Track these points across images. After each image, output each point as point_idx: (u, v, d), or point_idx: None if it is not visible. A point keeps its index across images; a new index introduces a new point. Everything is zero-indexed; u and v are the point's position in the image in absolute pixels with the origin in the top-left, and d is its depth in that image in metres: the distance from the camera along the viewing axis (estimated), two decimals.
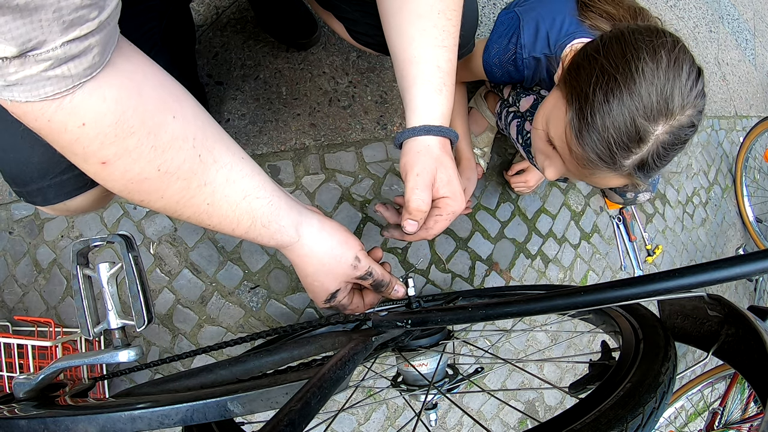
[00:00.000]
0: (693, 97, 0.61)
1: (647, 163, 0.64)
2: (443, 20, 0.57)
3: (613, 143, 0.62)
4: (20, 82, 0.32)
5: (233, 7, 1.11)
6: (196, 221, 0.50)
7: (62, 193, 0.54)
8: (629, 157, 0.63)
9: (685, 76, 0.60)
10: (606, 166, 0.65)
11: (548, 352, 1.39)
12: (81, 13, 0.31)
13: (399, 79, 0.61)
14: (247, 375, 0.56)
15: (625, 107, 0.60)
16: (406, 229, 0.62)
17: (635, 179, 0.67)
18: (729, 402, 1.38)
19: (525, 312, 0.37)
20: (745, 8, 2.29)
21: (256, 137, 1.08)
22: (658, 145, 0.62)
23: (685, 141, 0.64)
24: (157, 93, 0.42)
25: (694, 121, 0.62)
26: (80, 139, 0.38)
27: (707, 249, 1.80)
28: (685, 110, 0.61)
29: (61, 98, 0.35)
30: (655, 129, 0.61)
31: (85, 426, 0.36)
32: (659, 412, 0.32)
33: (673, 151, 0.64)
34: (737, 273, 0.28)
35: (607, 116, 0.61)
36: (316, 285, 0.60)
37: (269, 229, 0.53)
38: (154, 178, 0.43)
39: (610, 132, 0.62)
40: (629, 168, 0.65)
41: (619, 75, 0.61)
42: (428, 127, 0.58)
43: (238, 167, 0.49)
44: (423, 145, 0.59)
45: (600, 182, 0.72)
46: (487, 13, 1.36)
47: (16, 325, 0.94)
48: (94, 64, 0.35)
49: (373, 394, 1.11)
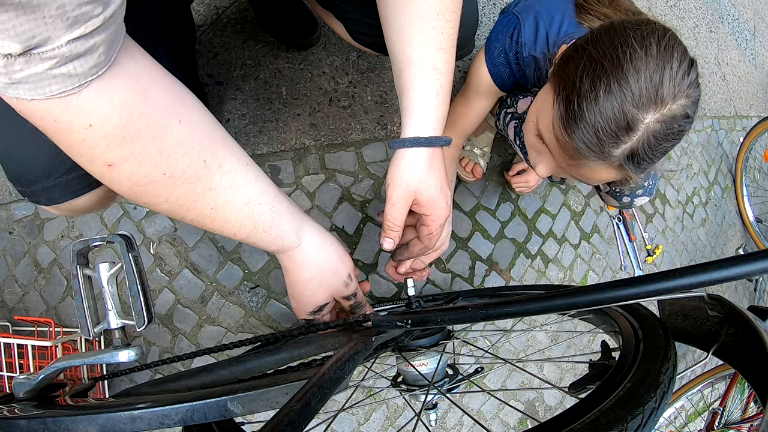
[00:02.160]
0: (685, 86, 0.58)
1: (638, 153, 0.61)
2: (442, 22, 0.57)
3: (601, 131, 0.60)
4: (26, 80, 0.32)
5: (233, 7, 1.11)
6: (198, 224, 0.50)
7: (67, 192, 0.54)
8: (618, 146, 0.61)
9: (676, 63, 0.58)
10: (594, 156, 0.62)
11: (548, 352, 1.39)
12: (85, 10, 0.30)
13: (396, 80, 0.61)
14: (247, 375, 0.55)
15: (612, 94, 0.58)
16: (384, 247, 0.64)
17: (628, 172, 0.65)
18: (729, 402, 1.38)
19: (525, 312, 0.37)
20: (745, 8, 2.29)
21: (256, 137, 1.08)
22: (649, 134, 0.60)
23: (679, 133, 0.61)
24: (164, 97, 0.42)
25: (688, 112, 0.60)
26: (87, 140, 0.38)
27: (707, 249, 1.80)
28: (677, 99, 0.58)
29: (69, 96, 0.35)
30: (645, 117, 0.59)
31: (85, 426, 0.36)
32: (659, 412, 0.32)
33: (667, 142, 0.61)
34: (737, 273, 0.28)
35: (593, 103, 0.59)
36: (306, 294, 0.59)
37: (271, 234, 0.53)
38: (159, 181, 0.43)
39: (597, 119, 0.60)
40: (619, 158, 0.62)
41: (606, 62, 0.59)
42: (419, 139, 0.58)
43: (242, 173, 0.49)
44: (410, 161, 0.59)
45: (591, 176, 0.69)
46: (487, 13, 1.36)
47: (16, 325, 0.94)
48: (99, 63, 0.35)
49: (373, 394, 1.11)
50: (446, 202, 0.62)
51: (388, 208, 0.61)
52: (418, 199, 0.60)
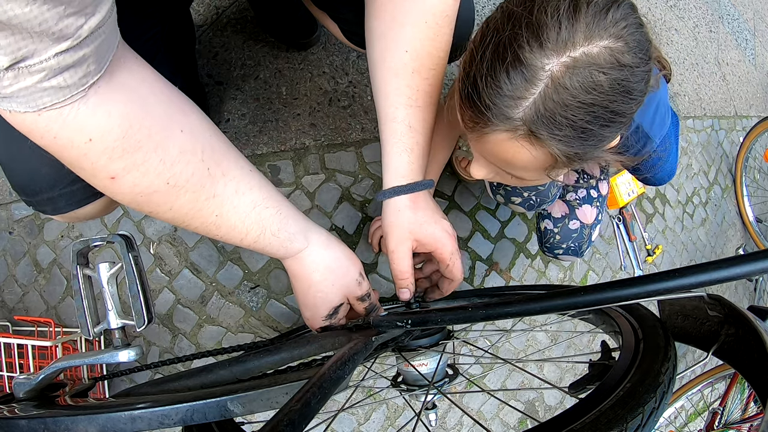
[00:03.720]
0: (609, 24, 0.45)
1: (547, 112, 0.47)
2: (418, 79, 0.58)
3: (493, 86, 0.48)
4: (16, 95, 0.32)
5: (233, 7, 1.11)
6: (203, 232, 0.50)
7: (72, 202, 0.54)
8: (516, 102, 0.47)
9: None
10: (490, 118, 0.49)
11: (548, 352, 1.39)
12: (67, 22, 0.30)
13: (379, 131, 0.63)
14: (247, 375, 0.55)
15: (498, 37, 0.47)
16: (403, 298, 0.65)
17: (549, 144, 0.49)
18: (729, 402, 1.38)
19: (525, 312, 0.37)
20: (745, 8, 2.29)
21: (256, 137, 1.08)
22: (556, 84, 0.45)
23: (613, 88, 0.46)
24: (164, 107, 0.42)
25: (619, 59, 0.45)
26: (88, 155, 0.39)
27: (707, 249, 1.80)
28: (593, 40, 0.45)
29: (62, 109, 0.35)
30: (545, 63, 0.45)
31: (85, 426, 0.36)
32: (659, 412, 0.32)
33: (588, 95, 0.46)
34: (737, 273, 0.28)
35: (482, 57, 0.48)
36: (319, 297, 0.59)
37: (279, 237, 0.53)
38: (163, 191, 0.43)
39: (483, 70, 0.48)
40: (525, 121, 0.48)
41: (504, 18, 0.48)
42: (397, 188, 0.61)
43: (246, 179, 0.49)
44: (395, 208, 0.62)
45: (506, 155, 0.54)
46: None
47: (16, 325, 0.94)
48: (90, 72, 0.35)
49: (373, 394, 1.11)
50: (445, 230, 0.64)
51: (392, 263, 0.63)
52: (418, 239, 0.63)
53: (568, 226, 0.96)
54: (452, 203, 1.22)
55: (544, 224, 1.00)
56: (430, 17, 0.55)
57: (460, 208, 1.24)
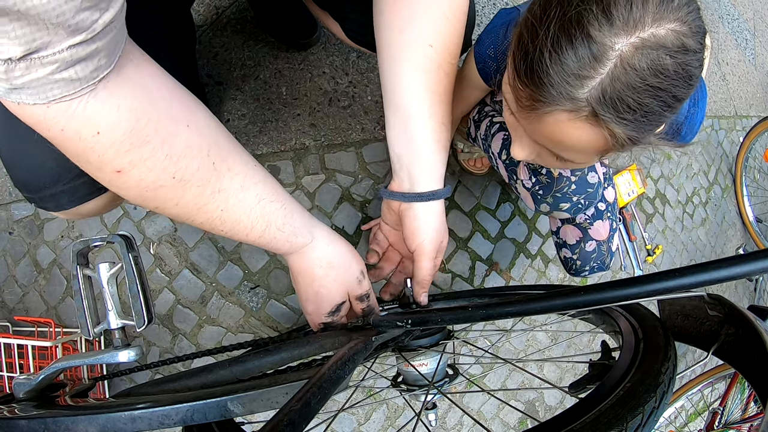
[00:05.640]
0: (676, 6, 0.44)
1: (615, 93, 0.45)
2: (441, 74, 0.58)
3: (561, 65, 0.46)
4: (27, 86, 0.33)
5: (233, 7, 1.11)
6: (208, 227, 0.50)
7: (75, 198, 0.54)
8: (583, 81, 0.46)
9: None
10: (555, 99, 0.48)
11: (548, 352, 1.39)
12: (84, 16, 0.30)
13: (395, 129, 0.63)
14: (247, 375, 0.55)
15: (564, 12, 0.45)
16: (423, 303, 0.67)
17: (611, 127, 0.48)
18: (729, 402, 1.38)
19: (525, 312, 0.37)
20: (745, 8, 2.29)
21: (256, 137, 1.08)
22: (625, 65, 0.44)
23: (677, 72, 0.45)
24: (170, 102, 0.42)
25: (685, 42, 0.44)
26: (95, 148, 0.39)
27: (707, 249, 1.80)
28: (662, 22, 0.43)
29: (72, 101, 0.35)
30: (614, 42, 0.44)
31: (85, 426, 0.36)
32: (659, 412, 0.32)
33: (656, 79, 0.44)
34: (737, 273, 0.28)
35: (546, 32, 0.46)
36: (322, 293, 0.59)
37: (284, 231, 0.53)
38: (168, 185, 0.43)
39: (550, 50, 0.46)
40: (589, 101, 0.46)
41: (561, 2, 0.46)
42: (437, 192, 0.62)
43: (251, 174, 0.50)
44: (432, 212, 0.63)
45: (562, 138, 0.52)
46: (487, 13, 1.36)
47: (16, 325, 0.94)
48: (100, 66, 0.35)
49: (373, 394, 1.11)
50: None
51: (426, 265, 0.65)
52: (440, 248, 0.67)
53: (585, 249, 0.95)
54: (452, 203, 1.22)
55: (563, 253, 0.99)
56: (449, 11, 0.55)
57: (460, 208, 1.24)
